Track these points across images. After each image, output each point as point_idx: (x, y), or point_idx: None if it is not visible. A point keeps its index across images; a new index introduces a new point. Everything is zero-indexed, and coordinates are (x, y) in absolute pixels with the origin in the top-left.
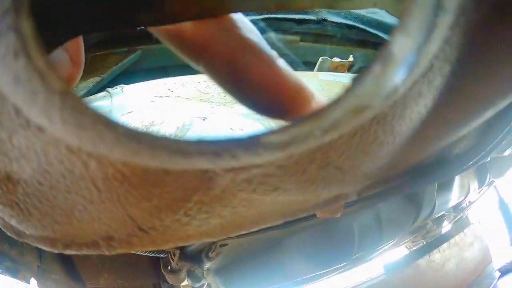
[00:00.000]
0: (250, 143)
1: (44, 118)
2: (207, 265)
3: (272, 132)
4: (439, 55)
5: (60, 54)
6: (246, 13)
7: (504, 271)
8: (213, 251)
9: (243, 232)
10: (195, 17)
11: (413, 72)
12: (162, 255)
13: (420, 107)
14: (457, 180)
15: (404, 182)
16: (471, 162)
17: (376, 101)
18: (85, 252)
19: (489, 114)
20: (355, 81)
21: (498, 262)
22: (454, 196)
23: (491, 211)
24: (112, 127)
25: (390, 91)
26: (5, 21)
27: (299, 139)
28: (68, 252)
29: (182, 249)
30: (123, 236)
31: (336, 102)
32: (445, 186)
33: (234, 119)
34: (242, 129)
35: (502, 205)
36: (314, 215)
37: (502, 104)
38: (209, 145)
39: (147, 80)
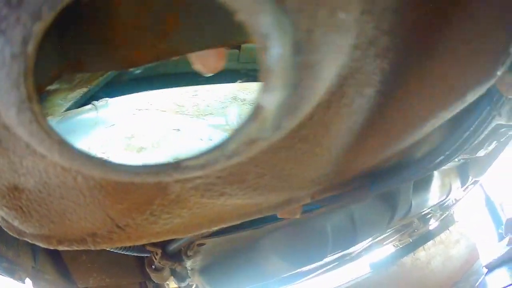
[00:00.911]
0: (175, 165)
1: (48, 153)
2: (188, 263)
3: (189, 158)
4: (349, 83)
5: (211, 52)
6: None
7: (491, 267)
8: (191, 250)
9: (206, 230)
10: (149, 62)
11: (296, 112)
12: (146, 255)
13: (348, 124)
14: (437, 179)
15: (363, 185)
16: (432, 165)
17: (263, 134)
18: (75, 247)
19: (433, 123)
20: (243, 120)
21: (485, 259)
22: (434, 195)
23: (479, 209)
24: (92, 159)
25: (273, 128)
26: (24, 107)
27: (210, 163)
28: (61, 248)
29: (163, 248)
30: (105, 232)
31: (230, 138)
32: (422, 186)
33: (205, 130)
34: (211, 139)
35: (489, 202)
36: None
37: (444, 115)
38: (150, 167)
39: (130, 93)
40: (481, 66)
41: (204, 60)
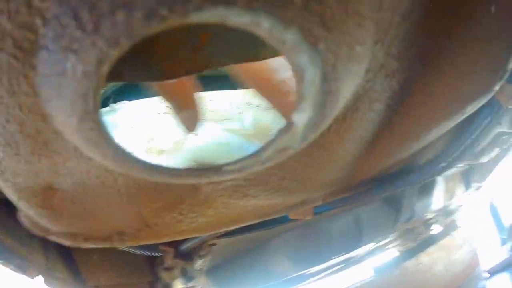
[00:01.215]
0: (217, 169)
1: (99, 158)
2: (198, 263)
3: (229, 163)
4: (362, 100)
5: (191, 113)
6: None
7: (493, 272)
8: (204, 249)
9: (225, 229)
10: (184, 75)
11: (318, 127)
12: (158, 254)
13: (360, 133)
14: (442, 184)
15: (371, 188)
16: (435, 171)
17: (293, 145)
18: (100, 245)
19: (436, 132)
20: (278, 132)
21: (488, 264)
22: (438, 200)
23: (482, 214)
24: (141, 163)
25: (301, 139)
26: (87, 117)
27: (247, 167)
28: (85, 245)
29: (176, 248)
30: (133, 230)
31: (266, 146)
32: (426, 191)
33: (222, 135)
34: (228, 144)
35: (492, 208)
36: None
37: (447, 124)
38: (194, 170)
39: (148, 96)
40: (480, 81)
41: (187, 121)
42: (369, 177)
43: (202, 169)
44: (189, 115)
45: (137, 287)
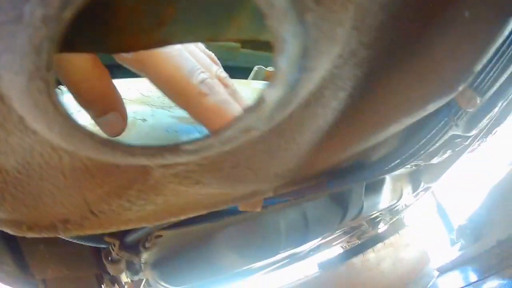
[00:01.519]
0: (174, 148)
1: (45, 128)
2: (144, 256)
3: (187, 143)
4: (329, 87)
5: (114, 116)
6: None
7: (443, 271)
8: (149, 241)
9: (173, 219)
10: (143, 49)
11: (286, 107)
12: (103, 246)
13: (320, 123)
14: (389, 183)
15: (321, 182)
16: (387, 168)
17: (259, 125)
18: (44, 234)
19: (394, 128)
20: (243, 111)
21: (437, 262)
22: (385, 199)
23: (430, 215)
24: (92, 137)
25: (267, 119)
26: (38, 75)
27: (206, 148)
28: (30, 234)
29: (121, 239)
30: (77, 219)
31: (229, 125)
32: (374, 188)
33: (170, 122)
34: (176, 131)
35: (440, 209)
36: (241, 211)
37: (407, 121)
38: (149, 149)
39: None
40: (445, 80)
41: (108, 125)
42: (321, 171)
43: (158, 148)
44: (112, 119)
45: (84, 281)
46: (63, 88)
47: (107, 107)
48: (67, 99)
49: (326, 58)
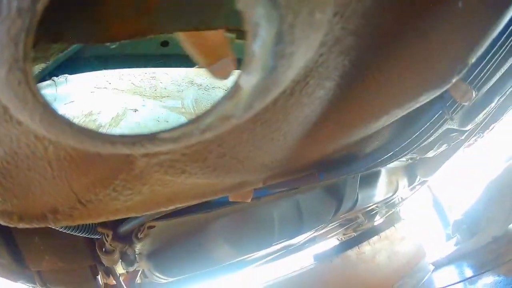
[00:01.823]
0: (151, 137)
1: (27, 118)
2: (138, 246)
3: (165, 131)
4: (313, 75)
5: (224, 61)
6: None
7: (438, 265)
8: (142, 232)
9: (162, 209)
10: (129, 37)
11: (266, 94)
12: (97, 237)
13: (307, 112)
14: (384, 177)
15: (312, 173)
16: (380, 160)
17: (237, 112)
18: (35, 224)
19: (386, 119)
20: (221, 98)
21: (433, 257)
22: (380, 192)
23: (426, 210)
24: (71, 125)
25: (246, 107)
26: (16, 66)
27: (184, 136)
28: (21, 225)
29: (114, 230)
30: (66, 209)
31: (207, 112)
32: (369, 181)
33: (161, 112)
34: (167, 121)
35: (436, 203)
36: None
37: (398, 112)
38: (127, 137)
39: (88, 71)
40: (438, 72)
41: (221, 69)
42: (312, 162)
43: (135, 136)
44: (223, 64)
45: (79, 272)
46: (57, 79)
47: (218, 55)
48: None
49: (305, 45)
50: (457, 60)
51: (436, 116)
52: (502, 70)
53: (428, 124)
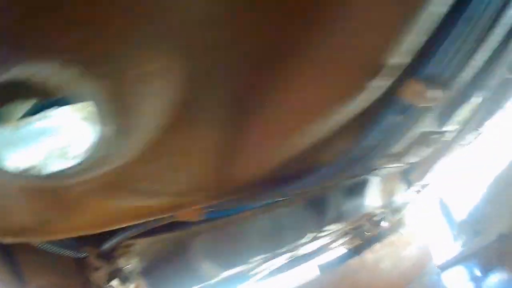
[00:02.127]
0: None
1: None
2: (124, 264)
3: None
4: (193, 111)
5: None
6: None
7: (446, 267)
8: (120, 250)
9: (114, 227)
10: None
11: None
12: (83, 255)
13: (208, 140)
14: (378, 184)
15: (258, 190)
16: (345, 170)
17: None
18: (17, 239)
19: (306, 135)
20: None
21: (440, 259)
22: (373, 200)
23: (432, 211)
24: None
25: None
26: None
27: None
28: (6, 240)
29: (97, 249)
30: (35, 226)
31: (87, 154)
32: (356, 191)
33: None
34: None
35: (442, 205)
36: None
37: (318, 127)
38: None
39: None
40: (346, 80)
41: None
42: (252, 180)
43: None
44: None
45: None
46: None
47: None
48: None
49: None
50: (368, 63)
51: (393, 122)
52: (474, 62)
53: (381, 131)
